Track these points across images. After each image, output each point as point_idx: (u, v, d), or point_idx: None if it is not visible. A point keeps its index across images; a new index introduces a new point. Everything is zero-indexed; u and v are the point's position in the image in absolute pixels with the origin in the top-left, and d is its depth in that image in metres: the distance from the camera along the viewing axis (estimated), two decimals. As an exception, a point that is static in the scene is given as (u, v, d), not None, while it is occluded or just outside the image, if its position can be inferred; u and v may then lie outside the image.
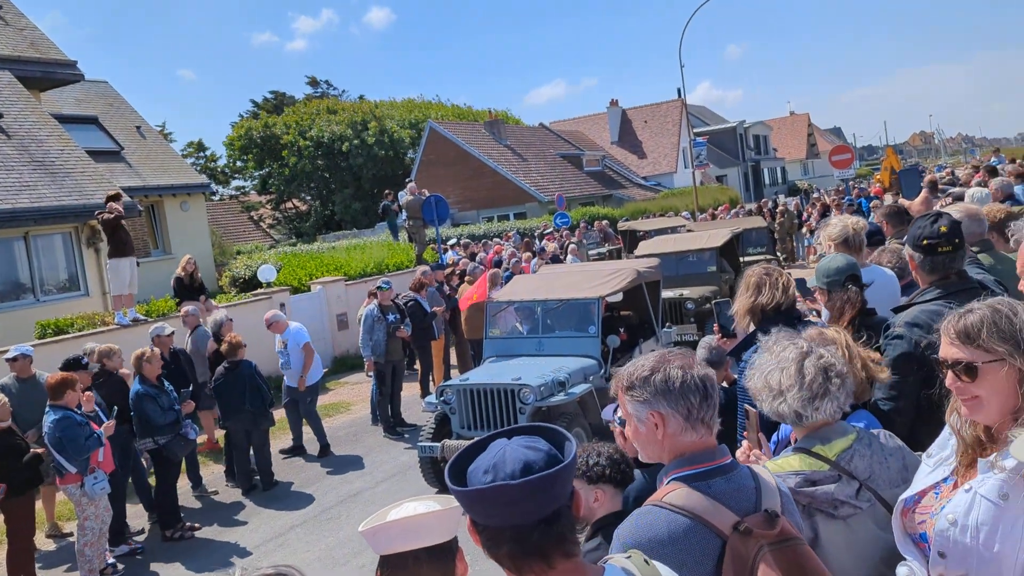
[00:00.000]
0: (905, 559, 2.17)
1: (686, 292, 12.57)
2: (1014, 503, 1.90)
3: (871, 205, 16.92)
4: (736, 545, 1.85)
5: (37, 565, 7.17)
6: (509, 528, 1.46)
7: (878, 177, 24.42)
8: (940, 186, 11.10)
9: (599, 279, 9.09)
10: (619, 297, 10.01)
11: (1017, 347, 1.97)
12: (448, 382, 8.35)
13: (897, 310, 3.37)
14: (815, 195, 33.95)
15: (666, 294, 12.64)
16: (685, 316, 12.29)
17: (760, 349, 2.53)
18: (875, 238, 5.20)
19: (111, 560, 7.18)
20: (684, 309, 12.33)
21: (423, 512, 1.73)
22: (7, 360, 8.29)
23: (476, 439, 1.61)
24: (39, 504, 8.03)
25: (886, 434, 2.52)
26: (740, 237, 15.27)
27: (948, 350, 2.07)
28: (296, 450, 10.16)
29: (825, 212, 22.00)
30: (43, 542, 8.05)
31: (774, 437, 2.96)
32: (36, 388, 8.04)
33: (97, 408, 7.19)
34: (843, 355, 2.59)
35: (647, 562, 1.62)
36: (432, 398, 8.28)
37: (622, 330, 9.55)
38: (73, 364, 7.63)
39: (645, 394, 1.99)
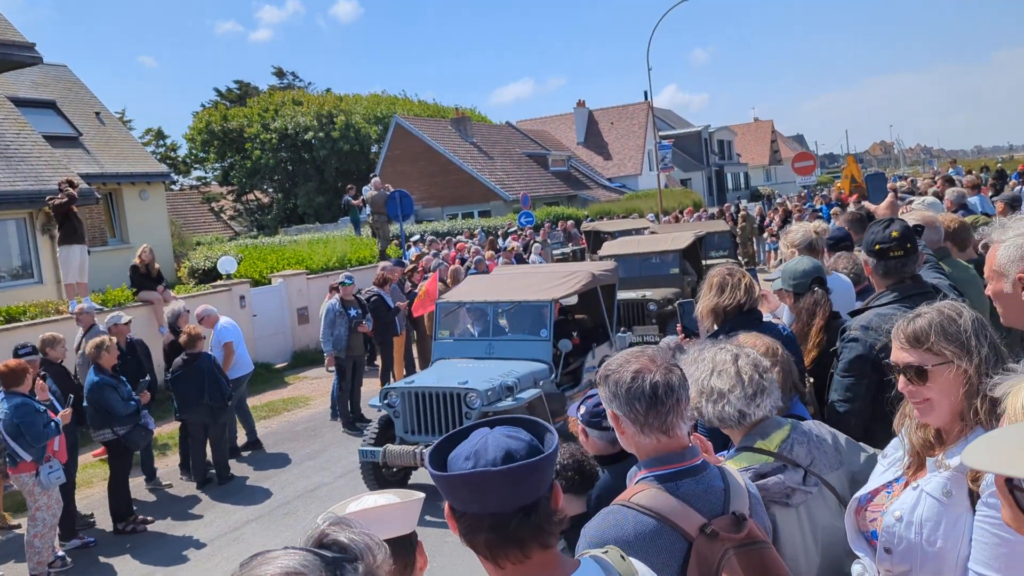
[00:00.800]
0: (859, 557, 2.22)
1: (649, 293, 12.66)
2: (957, 500, 1.96)
3: (831, 212, 17.21)
4: (701, 548, 1.86)
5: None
6: (487, 516, 1.46)
7: (838, 185, 24.84)
8: (899, 194, 11.32)
9: (553, 281, 8.84)
10: (574, 300, 9.75)
11: (963, 349, 2.02)
12: (392, 384, 7.99)
13: (853, 314, 3.42)
14: (778, 200, 34.43)
15: (629, 295, 12.71)
16: (647, 317, 12.40)
17: (684, 363, 2.52)
18: (843, 244, 5.27)
19: (60, 553, 7.03)
20: (646, 310, 12.42)
21: (383, 504, 1.72)
22: None
23: (458, 428, 1.61)
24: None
25: (816, 423, 2.59)
26: (703, 240, 15.43)
27: (899, 354, 2.12)
28: (252, 445, 10.04)
29: (787, 218, 22.32)
30: (-11, 534, 7.85)
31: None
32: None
33: (52, 396, 7.03)
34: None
35: (623, 558, 1.63)
36: (376, 400, 7.91)
37: (575, 334, 9.27)
38: (22, 353, 7.47)
39: (605, 393, 2.03)
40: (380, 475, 7.67)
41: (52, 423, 6.60)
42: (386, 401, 7.72)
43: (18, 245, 14.75)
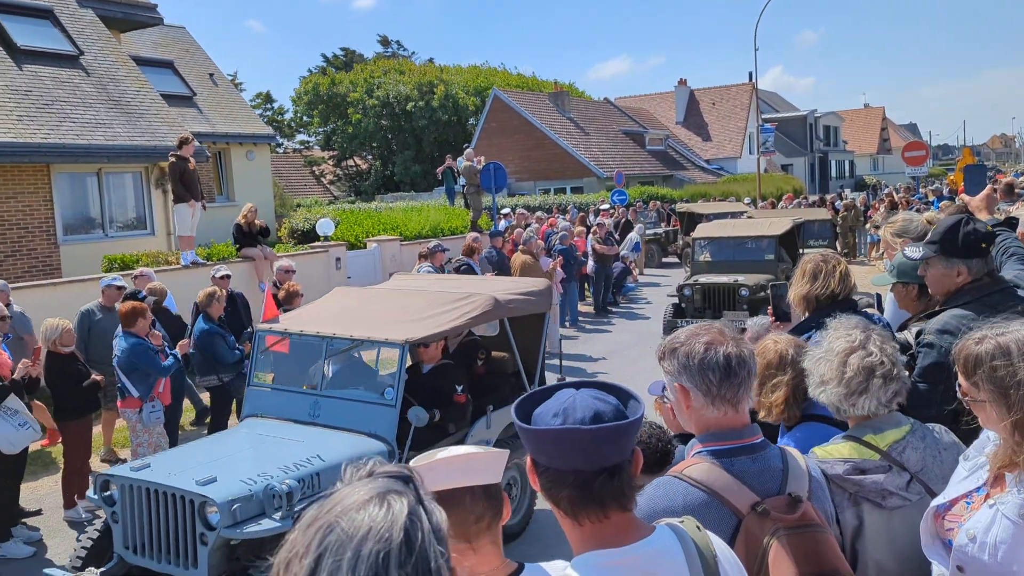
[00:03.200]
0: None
1: (741, 278, 12.49)
2: None
3: (941, 205, 16.50)
4: (751, 525, 1.85)
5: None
6: (572, 473, 1.52)
7: (951, 178, 23.72)
8: (1016, 190, 10.76)
9: (432, 309, 6.13)
10: (494, 330, 7.22)
11: (1002, 395, 1.96)
12: (113, 471, 5.16)
13: (929, 315, 3.24)
14: (885, 191, 33.06)
15: (720, 279, 12.53)
16: (738, 303, 12.23)
17: (825, 330, 2.57)
18: None
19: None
20: (738, 295, 12.27)
21: (474, 451, 1.79)
22: (102, 287, 8.69)
23: (542, 387, 1.64)
24: (97, 429, 8.38)
25: (943, 428, 2.50)
26: (801, 228, 15.05)
27: (959, 371, 2.12)
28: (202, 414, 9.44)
29: (892, 209, 21.49)
30: (98, 466, 8.41)
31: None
32: (115, 320, 8.41)
33: (164, 342, 7.52)
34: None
35: (699, 528, 1.65)
36: (92, 492, 5.25)
37: (460, 389, 6.11)
38: (131, 298, 7.94)
39: (671, 366, 2.02)
40: None
41: (165, 364, 7.07)
42: (106, 493, 5.03)
43: (133, 198, 15.57)
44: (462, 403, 6.11)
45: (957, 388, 2.15)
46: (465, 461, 1.74)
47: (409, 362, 6.01)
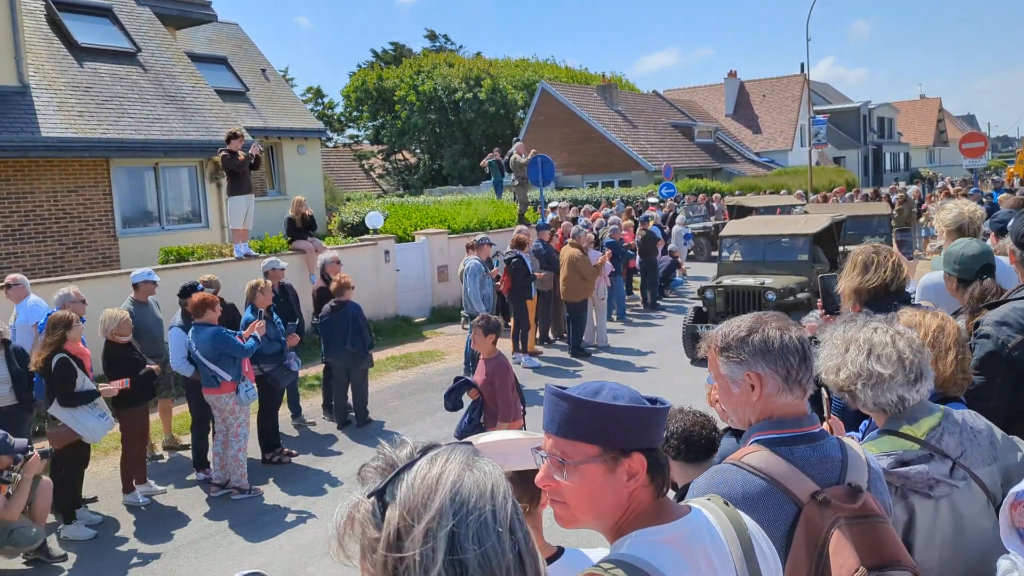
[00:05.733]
0: (1008, 551, 2.14)
1: (768, 281, 11.45)
2: None
3: (1001, 197, 16.05)
4: (811, 514, 1.83)
5: (157, 474, 7.76)
6: (657, 450, 1.59)
7: (1011, 170, 23.01)
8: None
9: None
10: None
11: None
12: None
13: (990, 307, 3.21)
14: (941, 183, 32.20)
15: (745, 281, 11.54)
16: (764, 307, 10.89)
17: (828, 341, 2.42)
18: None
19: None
20: (764, 300, 11.10)
21: (515, 437, 1.80)
22: (132, 283, 8.86)
23: (575, 387, 1.64)
24: (154, 417, 8.61)
25: (971, 413, 2.46)
26: (843, 225, 13.96)
27: None
28: None
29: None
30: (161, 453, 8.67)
31: (864, 423, 2.91)
32: (150, 313, 8.59)
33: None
34: (927, 339, 2.56)
35: (726, 503, 1.67)
36: None
37: None
38: (189, 290, 8.13)
39: (742, 355, 1.98)
40: None
41: (250, 339, 7.42)
42: None
43: (188, 191, 15.94)
44: None
45: None
46: (505, 447, 1.75)
47: None
